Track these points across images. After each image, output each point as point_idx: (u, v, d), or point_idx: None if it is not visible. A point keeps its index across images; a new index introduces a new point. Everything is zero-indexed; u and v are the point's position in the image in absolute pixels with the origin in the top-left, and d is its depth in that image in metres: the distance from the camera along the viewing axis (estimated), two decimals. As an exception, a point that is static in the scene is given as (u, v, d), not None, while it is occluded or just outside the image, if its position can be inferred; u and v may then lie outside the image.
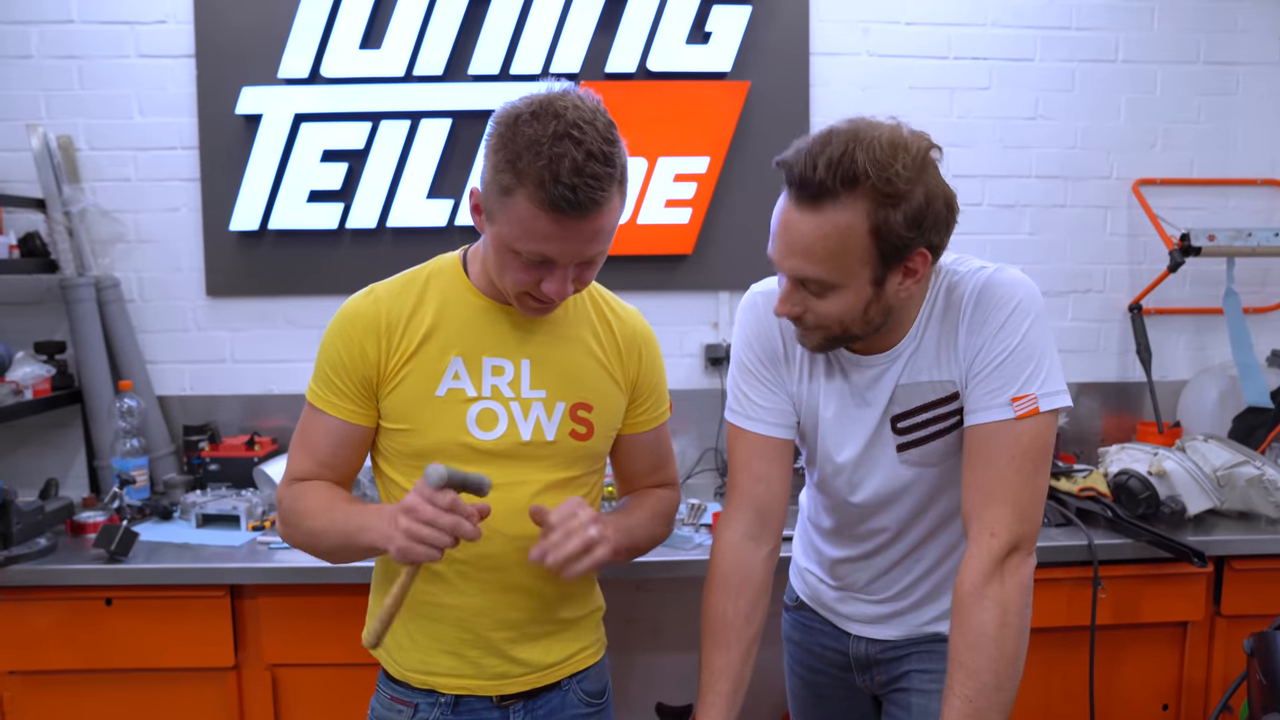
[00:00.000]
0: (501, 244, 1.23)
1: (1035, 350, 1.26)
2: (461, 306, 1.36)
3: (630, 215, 2.75)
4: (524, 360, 1.37)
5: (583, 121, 1.16)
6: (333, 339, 1.35)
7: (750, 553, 1.40)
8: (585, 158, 1.15)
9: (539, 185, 1.15)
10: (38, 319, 2.76)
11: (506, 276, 1.26)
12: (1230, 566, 2.23)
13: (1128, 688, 2.28)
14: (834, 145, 1.15)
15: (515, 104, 1.21)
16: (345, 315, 1.36)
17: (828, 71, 2.82)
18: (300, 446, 1.40)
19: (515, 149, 1.16)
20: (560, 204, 1.15)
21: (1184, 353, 2.99)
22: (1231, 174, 2.93)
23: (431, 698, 1.40)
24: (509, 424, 1.35)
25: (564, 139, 1.14)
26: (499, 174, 1.19)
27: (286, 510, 1.38)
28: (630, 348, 1.47)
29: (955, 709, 1.22)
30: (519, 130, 1.17)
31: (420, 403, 1.33)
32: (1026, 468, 1.26)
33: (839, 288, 1.22)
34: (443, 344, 1.34)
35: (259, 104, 2.69)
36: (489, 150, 1.22)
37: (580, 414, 1.40)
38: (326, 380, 1.35)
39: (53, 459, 2.79)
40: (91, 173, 2.74)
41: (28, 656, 2.14)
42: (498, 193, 1.20)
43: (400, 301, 1.35)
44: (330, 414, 1.35)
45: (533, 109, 1.17)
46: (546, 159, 1.14)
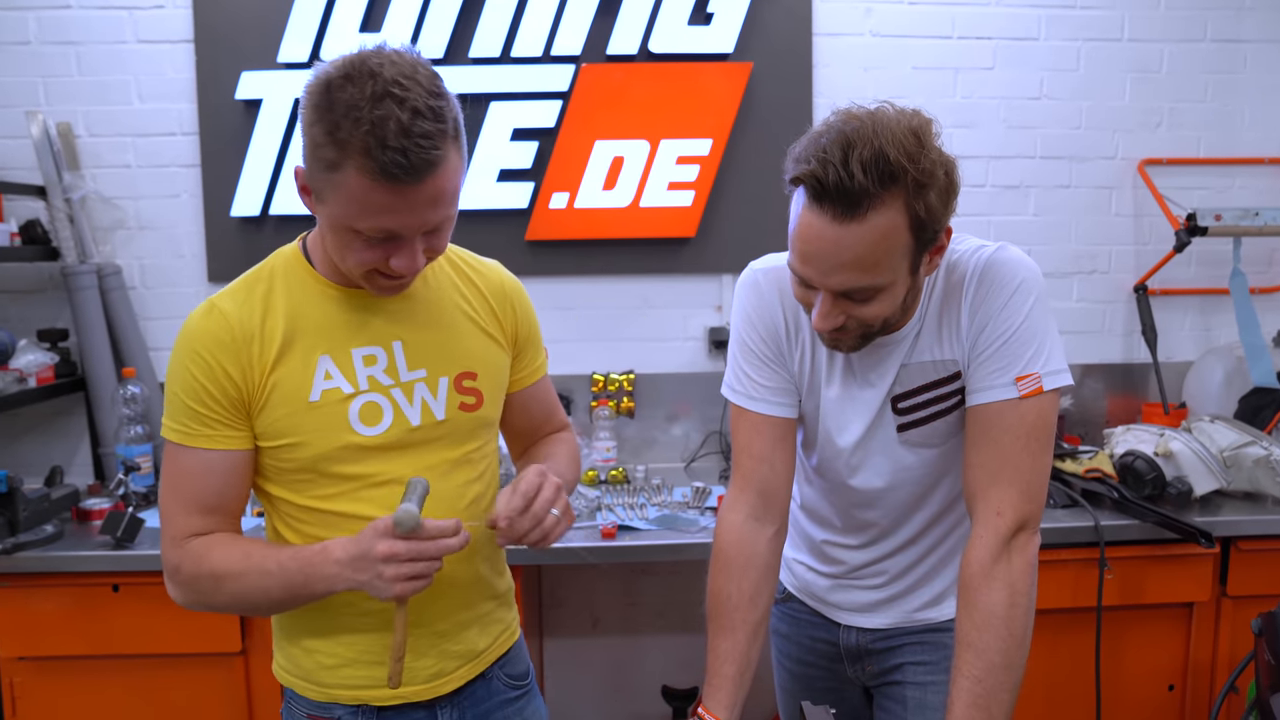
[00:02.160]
0: (338, 224, 1.12)
1: (1038, 329, 1.25)
2: (313, 301, 1.24)
3: (633, 199, 2.73)
4: (395, 343, 1.27)
5: (402, 77, 1.04)
6: (183, 365, 1.19)
7: (754, 534, 1.38)
8: (411, 116, 1.03)
9: (365, 154, 1.03)
10: (40, 306, 2.76)
11: (350, 258, 1.15)
12: (1236, 547, 2.23)
13: (1134, 669, 2.28)
14: (860, 147, 1.09)
15: (324, 68, 1.08)
16: (190, 337, 1.19)
17: (830, 52, 2.80)
18: (176, 500, 1.21)
19: (332, 118, 1.04)
20: (393, 170, 1.04)
21: (1189, 333, 2.98)
22: (1238, 153, 2.91)
23: (354, 709, 1.31)
24: (395, 413, 1.26)
25: (384, 99, 1.02)
26: (319, 148, 1.06)
27: (189, 576, 1.20)
28: (502, 300, 1.40)
29: (964, 689, 1.21)
30: (333, 96, 1.04)
31: (297, 413, 1.21)
32: (1032, 447, 1.25)
33: (885, 288, 1.18)
34: (305, 346, 1.22)
35: (259, 89, 2.68)
36: (304, 124, 1.09)
37: (466, 384, 1.32)
38: (189, 412, 1.18)
39: (57, 446, 2.79)
40: (91, 159, 2.73)
41: (36, 643, 2.14)
42: (322, 169, 1.07)
43: (245, 311, 1.21)
44: (205, 448, 1.19)
45: (344, 71, 1.05)
46: (369, 124, 1.02)
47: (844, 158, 1.09)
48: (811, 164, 1.11)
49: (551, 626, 2.90)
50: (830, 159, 1.09)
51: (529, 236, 2.75)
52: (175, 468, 1.22)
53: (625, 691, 2.85)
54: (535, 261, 2.77)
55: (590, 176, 2.72)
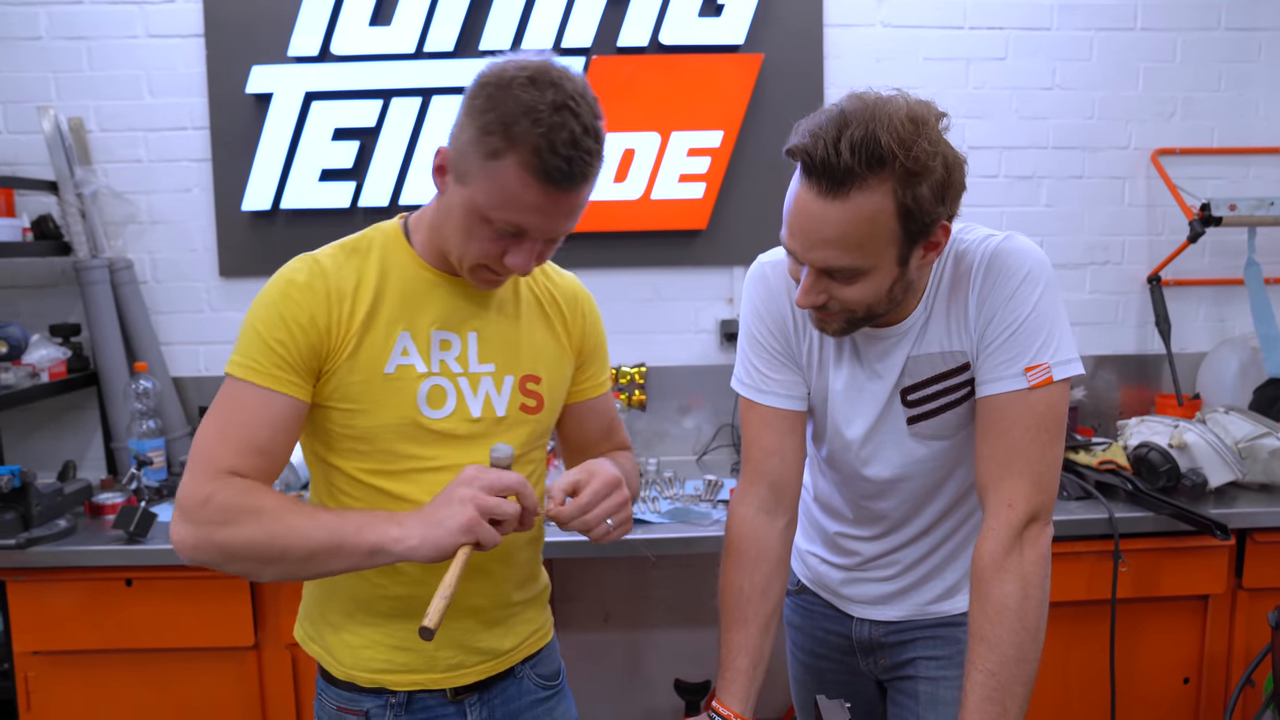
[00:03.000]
0: (473, 210, 1.16)
1: (1047, 319, 1.24)
2: (406, 278, 1.27)
3: (644, 191, 2.73)
4: (470, 333, 1.30)
5: (578, 95, 1.12)
6: (274, 304, 1.20)
7: (765, 526, 1.38)
8: (582, 131, 1.11)
9: (535, 153, 1.09)
10: (52, 301, 2.77)
11: (471, 246, 1.19)
12: (1252, 539, 2.21)
13: (1149, 661, 2.27)
14: (854, 127, 1.09)
15: (503, 66, 1.14)
16: (287, 281, 1.22)
17: (842, 43, 2.79)
18: (225, 433, 1.18)
19: (510, 113, 1.10)
20: (554, 175, 1.11)
21: (1203, 324, 2.96)
22: (1253, 143, 2.89)
23: (381, 699, 1.32)
24: (458, 401, 1.28)
25: (563, 109, 1.09)
26: (487, 136, 1.11)
27: (221, 508, 1.13)
28: (574, 309, 1.43)
29: (978, 683, 1.20)
30: (514, 94, 1.10)
31: (370, 381, 1.23)
32: (1042, 437, 1.24)
33: (867, 272, 1.18)
34: (389, 318, 1.25)
35: (269, 83, 2.68)
36: (473, 110, 1.14)
37: (529, 386, 1.34)
38: (266, 349, 1.18)
39: (70, 441, 2.81)
40: (103, 154, 2.74)
41: (49, 637, 2.15)
42: (482, 155, 1.12)
43: (345, 271, 1.24)
44: (273, 389, 1.18)
45: (529, 74, 1.11)
46: (546, 127, 1.09)
47: (836, 136, 1.10)
48: (805, 138, 1.13)
49: (563, 621, 2.88)
50: (823, 135, 1.11)
51: (539, 229, 2.74)
52: (233, 403, 1.19)
53: (637, 685, 2.85)
54: (545, 254, 2.76)
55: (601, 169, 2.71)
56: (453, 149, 1.18)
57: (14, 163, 2.71)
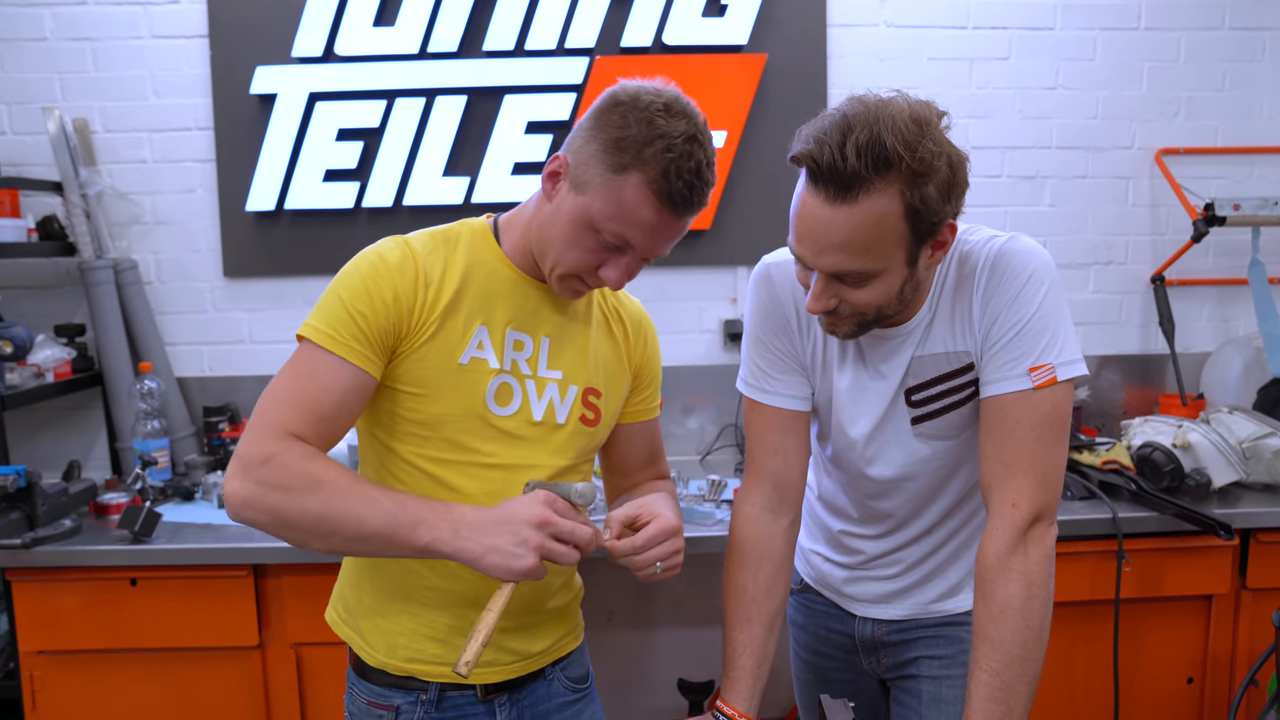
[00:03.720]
0: (583, 218, 1.19)
1: (1051, 319, 1.24)
2: (490, 274, 1.30)
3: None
4: (544, 338, 1.33)
5: (704, 131, 1.18)
6: (361, 275, 1.21)
7: (769, 525, 1.39)
8: (705, 164, 1.18)
9: (663, 175, 1.15)
10: (57, 302, 2.78)
11: (572, 254, 1.22)
12: (1256, 539, 2.21)
13: (1152, 661, 2.27)
14: (858, 131, 1.09)
15: (638, 90, 1.19)
16: (378, 255, 1.23)
17: (845, 43, 2.79)
18: (294, 395, 1.17)
19: (645, 134, 1.15)
20: (674, 198, 1.16)
21: (1207, 324, 2.96)
22: (1256, 142, 2.88)
23: (411, 696, 1.34)
24: (523, 401, 1.31)
25: (693, 142, 1.16)
26: (617, 151, 1.16)
27: (283, 471, 1.12)
28: (638, 332, 1.48)
29: (982, 682, 1.21)
30: (649, 117, 1.15)
31: (442, 369, 1.25)
32: (1046, 438, 1.24)
33: (877, 275, 1.18)
34: (469, 310, 1.27)
35: (273, 83, 2.68)
36: (603, 123, 1.18)
37: (591, 399, 1.37)
38: (347, 319, 1.18)
39: (74, 441, 2.81)
40: (107, 155, 2.75)
41: (54, 636, 2.16)
42: (607, 168, 1.17)
43: (434, 257, 1.27)
44: (347, 359, 1.18)
45: (664, 102, 1.17)
46: (677, 154, 1.14)
47: (841, 140, 1.10)
48: (810, 144, 1.13)
49: (566, 619, 2.89)
50: (828, 140, 1.11)
51: (543, 230, 2.74)
52: (306, 366, 1.19)
53: (641, 685, 2.85)
54: (549, 255, 2.77)
55: (604, 169, 2.71)
56: (573, 157, 1.21)
57: (19, 163, 2.71)
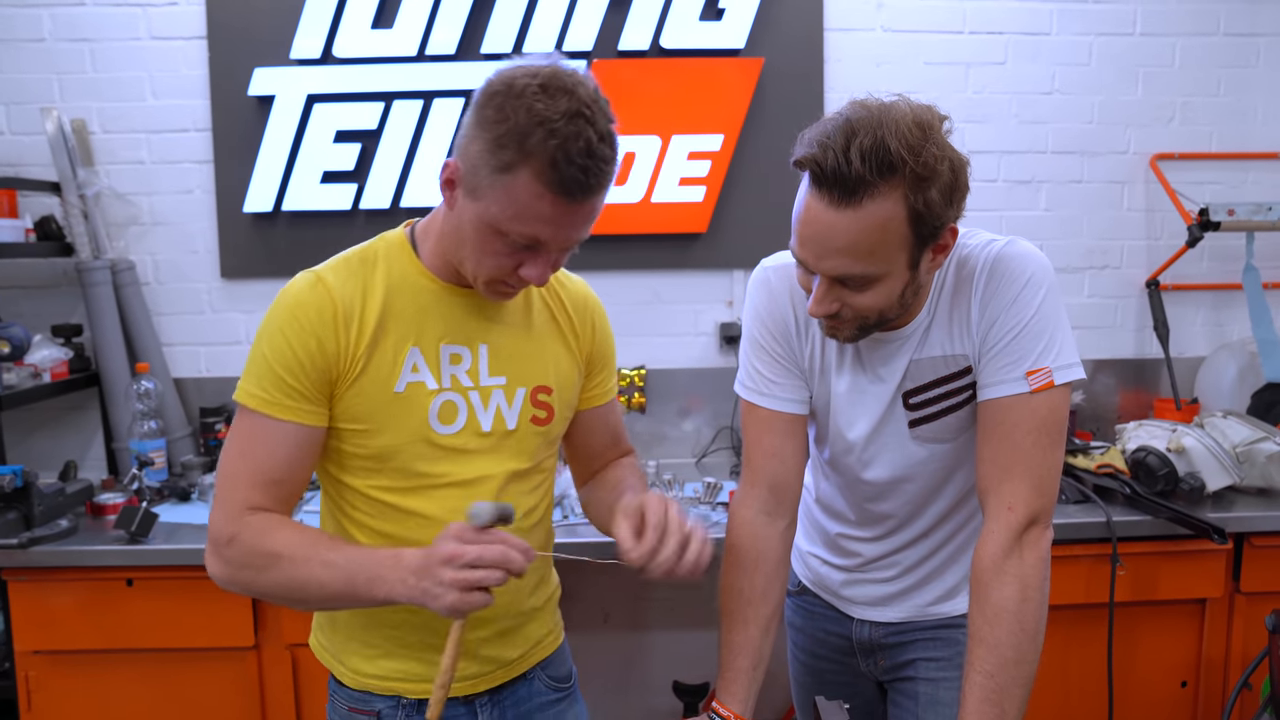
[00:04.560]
0: (486, 224, 1.12)
1: (1049, 323, 1.25)
2: (413, 291, 1.24)
3: (644, 194, 2.73)
4: (481, 346, 1.28)
5: (591, 101, 1.08)
6: (281, 331, 1.17)
7: (765, 528, 1.39)
8: (597, 139, 1.08)
9: (550, 165, 1.06)
10: (54, 302, 2.78)
11: (486, 261, 1.16)
12: (1250, 543, 2.22)
13: (1146, 665, 2.28)
14: (862, 135, 1.09)
15: (512, 73, 1.09)
16: (293, 304, 1.18)
17: (842, 47, 2.80)
18: (242, 468, 1.18)
19: (522, 124, 1.06)
20: (570, 186, 1.08)
21: (1202, 329, 2.97)
22: (1251, 148, 2.90)
23: (393, 701, 1.33)
24: (469, 415, 1.26)
25: (577, 118, 1.06)
26: (499, 149, 1.08)
27: (244, 550, 1.16)
28: (583, 316, 1.41)
29: (976, 684, 1.21)
30: (525, 103, 1.06)
31: (380, 400, 1.21)
32: (1043, 441, 1.25)
33: (880, 279, 1.19)
34: (398, 334, 1.22)
35: (271, 85, 2.68)
36: (482, 121, 1.10)
37: (540, 398, 1.33)
38: (277, 380, 1.16)
39: (71, 441, 2.81)
40: (105, 156, 2.75)
41: (50, 636, 2.16)
42: (493, 169, 1.09)
43: (350, 288, 1.20)
44: (285, 419, 1.17)
45: (540, 81, 1.07)
46: (561, 138, 1.05)
47: (845, 145, 1.10)
48: (814, 148, 1.13)
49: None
50: (831, 145, 1.11)
51: (540, 232, 2.75)
52: (248, 435, 1.19)
53: (636, 687, 2.85)
54: (546, 257, 2.77)
55: (601, 172, 2.72)
56: (462, 162, 1.14)
57: (17, 164, 2.71)
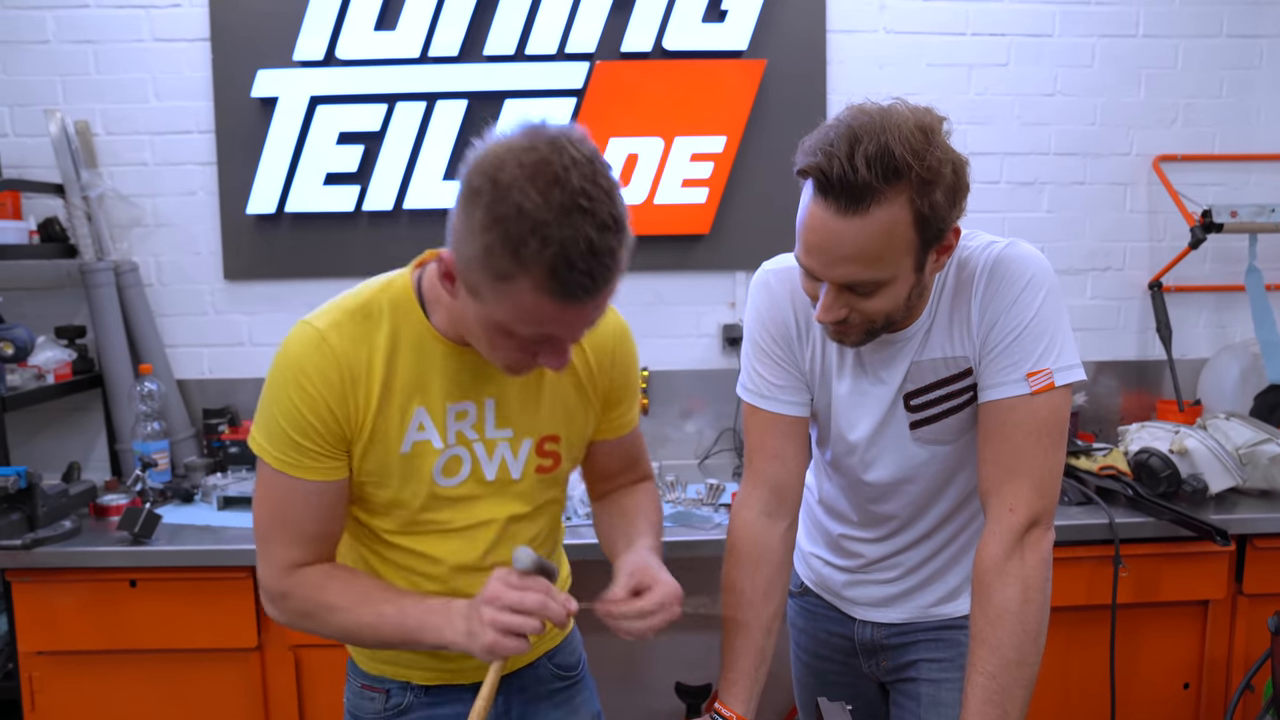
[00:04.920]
0: (492, 324, 1.06)
1: (1049, 325, 1.25)
2: (420, 350, 1.19)
3: (647, 196, 2.74)
4: (487, 400, 1.24)
5: (588, 183, 0.96)
6: (288, 396, 1.13)
7: (766, 529, 1.39)
8: (599, 232, 0.96)
9: (550, 275, 0.97)
10: (58, 303, 2.78)
11: (499, 355, 1.11)
12: (1253, 545, 2.22)
13: (1149, 666, 2.27)
14: (866, 142, 1.09)
15: (498, 160, 0.98)
16: (296, 369, 1.13)
17: (845, 49, 2.80)
18: (279, 529, 1.19)
19: (514, 232, 0.96)
20: (576, 292, 0.99)
21: (1204, 330, 2.96)
22: (1254, 149, 2.89)
23: (403, 684, 1.37)
24: (473, 466, 1.25)
25: (573, 212, 0.95)
26: (493, 257, 0.98)
27: (300, 603, 1.20)
28: (602, 357, 1.33)
29: (978, 685, 1.21)
30: (514, 202, 0.95)
31: (388, 460, 1.20)
32: (1044, 442, 1.25)
33: (888, 283, 1.18)
34: (404, 396, 1.19)
35: (275, 87, 2.69)
36: (470, 220, 0.99)
37: (547, 447, 1.30)
38: (291, 444, 1.14)
39: (74, 442, 2.82)
40: (109, 157, 2.75)
41: (53, 637, 2.16)
42: (490, 277, 1.00)
43: (354, 350, 1.15)
44: (308, 479, 1.16)
45: (528, 173, 0.95)
46: (558, 244, 0.95)
47: (849, 152, 1.09)
48: (818, 157, 1.12)
49: (564, 623, 2.90)
50: (836, 153, 1.10)
51: (543, 234, 2.75)
52: (276, 495, 1.18)
53: (638, 688, 2.85)
54: (549, 259, 2.77)
55: (604, 173, 2.72)
56: (458, 259, 1.05)
57: (21, 165, 2.72)
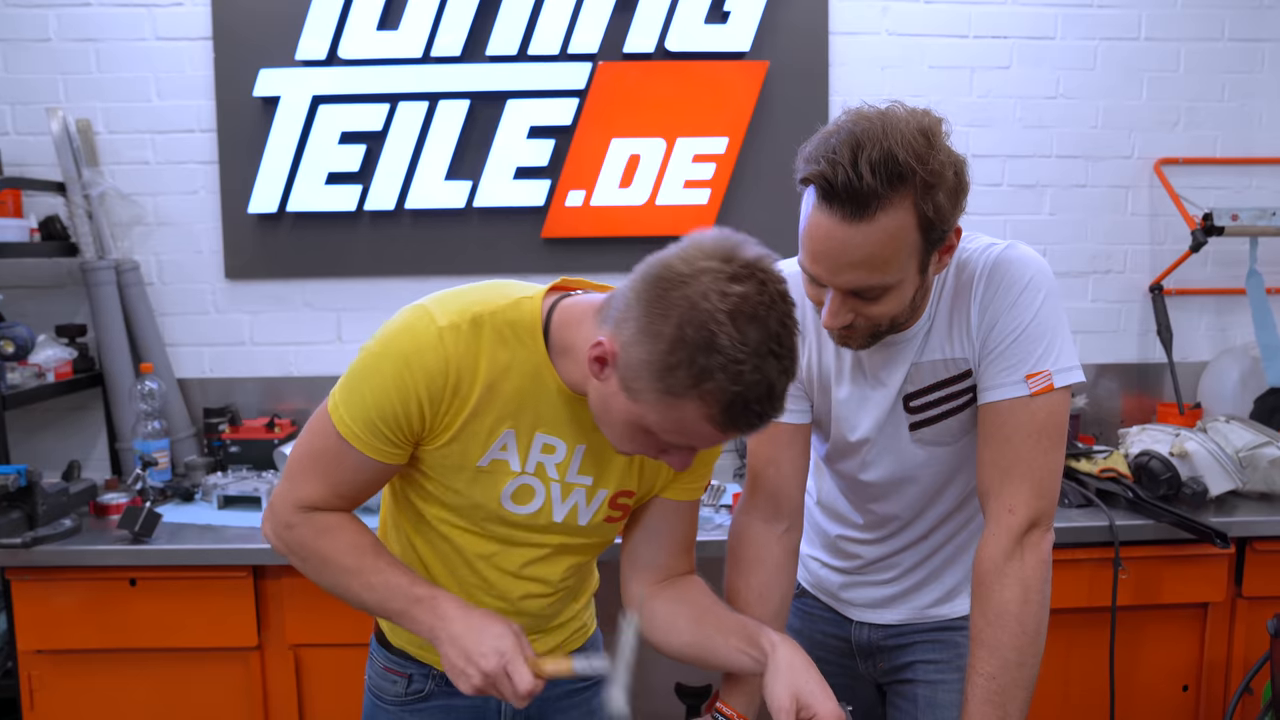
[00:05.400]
0: (638, 423, 1.04)
1: (1048, 326, 1.25)
2: (532, 384, 1.15)
3: (649, 197, 2.74)
4: (580, 446, 1.21)
5: (781, 326, 0.97)
6: (388, 385, 1.11)
7: (762, 533, 1.40)
8: (781, 376, 0.98)
9: (725, 410, 0.97)
10: (58, 302, 2.78)
11: (629, 446, 1.09)
12: (1252, 548, 2.22)
13: (1148, 669, 2.27)
14: (869, 148, 1.08)
15: (697, 280, 0.96)
16: (404, 360, 1.10)
17: (847, 51, 2.79)
18: (316, 471, 1.19)
19: (703, 363, 0.94)
20: (743, 427, 1.00)
21: (1205, 334, 2.96)
22: (1255, 153, 2.90)
23: (425, 669, 1.38)
24: (545, 502, 1.23)
25: (766, 357, 0.95)
26: (669, 373, 0.96)
27: (299, 539, 1.21)
28: None
29: (978, 686, 1.22)
30: (708, 334, 0.94)
31: (460, 468, 1.18)
32: (1043, 444, 1.25)
33: (894, 287, 1.18)
34: (497, 414, 1.16)
35: (277, 86, 2.69)
36: (652, 328, 0.98)
37: (621, 501, 1.28)
38: (373, 427, 1.13)
39: (75, 441, 2.82)
40: (110, 156, 2.75)
41: (53, 636, 2.16)
42: (660, 390, 0.98)
43: (466, 354, 1.11)
44: (367, 455, 1.16)
45: (729, 306, 0.94)
46: (745, 384, 0.95)
47: (853, 158, 1.08)
48: (821, 164, 1.11)
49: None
50: (839, 160, 1.09)
51: (545, 234, 2.76)
52: (329, 451, 1.17)
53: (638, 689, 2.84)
54: (551, 259, 2.78)
55: (606, 174, 2.72)
56: (621, 352, 1.02)
57: (22, 164, 2.72)
